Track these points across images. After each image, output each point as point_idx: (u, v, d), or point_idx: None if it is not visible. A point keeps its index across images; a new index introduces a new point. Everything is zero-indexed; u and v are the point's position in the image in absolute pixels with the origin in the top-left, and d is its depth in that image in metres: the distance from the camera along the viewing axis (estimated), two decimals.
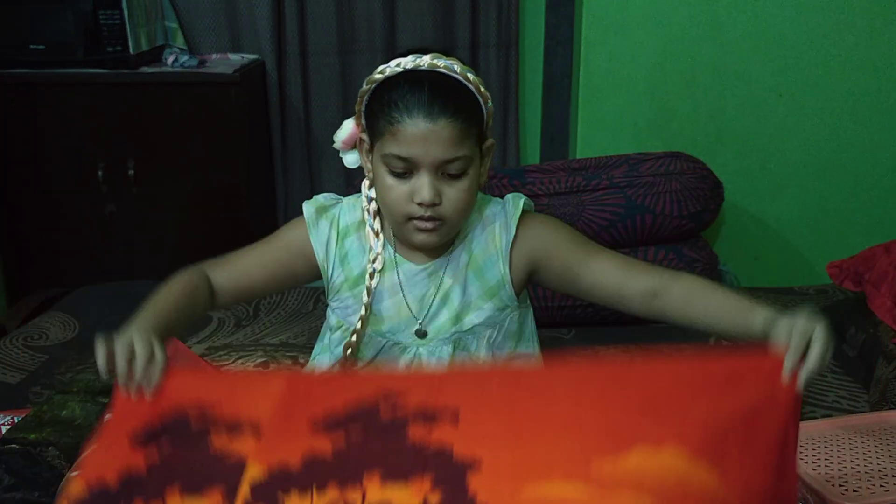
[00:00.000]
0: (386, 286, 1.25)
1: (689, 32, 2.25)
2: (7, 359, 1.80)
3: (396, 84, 1.13)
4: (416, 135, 1.10)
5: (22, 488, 1.24)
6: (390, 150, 1.13)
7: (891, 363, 1.55)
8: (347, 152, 1.27)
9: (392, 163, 1.14)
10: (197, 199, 2.55)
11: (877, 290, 1.70)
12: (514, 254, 1.24)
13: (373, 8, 2.69)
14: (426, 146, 1.11)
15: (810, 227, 2.37)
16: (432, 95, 1.11)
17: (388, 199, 1.16)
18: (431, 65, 1.13)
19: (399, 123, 1.11)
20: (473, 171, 1.17)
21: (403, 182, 1.14)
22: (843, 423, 1.33)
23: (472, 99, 1.15)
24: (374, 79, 1.15)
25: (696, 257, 1.97)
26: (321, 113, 2.78)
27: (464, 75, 1.14)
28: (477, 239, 1.25)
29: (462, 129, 1.12)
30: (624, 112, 2.34)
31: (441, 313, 1.25)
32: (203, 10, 2.68)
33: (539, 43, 2.69)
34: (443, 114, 1.10)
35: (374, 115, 1.15)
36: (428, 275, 1.24)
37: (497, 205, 1.27)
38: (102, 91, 2.46)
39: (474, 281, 1.25)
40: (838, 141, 2.29)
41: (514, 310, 1.28)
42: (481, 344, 1.25)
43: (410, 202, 1.14)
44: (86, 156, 2.50)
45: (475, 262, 1.25)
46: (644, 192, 1.93)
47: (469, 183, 1.16)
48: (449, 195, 1.15)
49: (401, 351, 1.25)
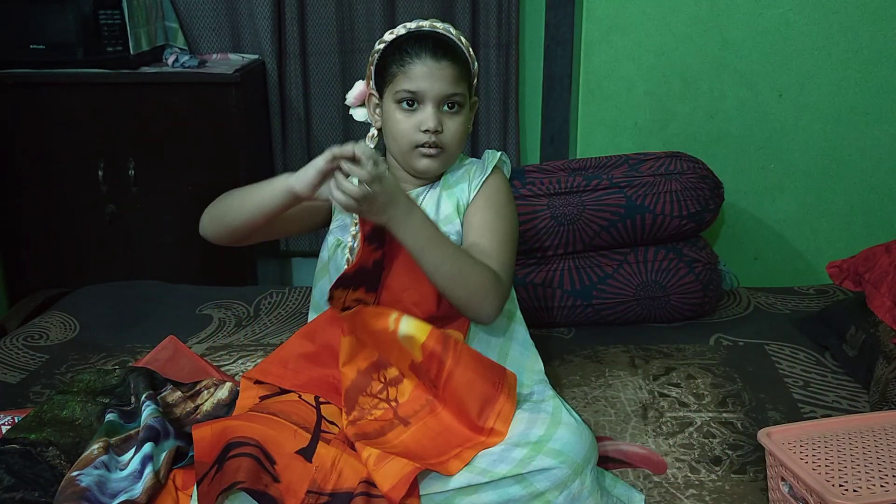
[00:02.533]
0: None
1: (689, 32, 2.25)
2: (7, 359, 1.80)
3: (404, 39, 1.38)
4: (423, 71, 1.35)
5: (22, 488, 1.24)
6: (402, 86, 1.35)
7: (891, 363, 1.55)
8: (357, 108, 1.48)
9: (402, 97, 1.36)
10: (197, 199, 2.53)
11: (877, 290, 1.70)
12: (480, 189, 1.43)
13: (373, 8, 2.69)
14: (431, 81, 1.35)
15: (810, 227, 2.37)
16: (436, 43, 1.37)
17: (397, 131, 1.38)
18: (432, 26, 1.41)
19: (409, 64, 1.35)
20: (465, 111, 1.40)
21: (411, 115, 1.36)
22: (844, 423, 1.33)
23: (465, 54, 1.41)
24: (385, 39, 1.40)
25: (696, 257, 1.97)
26: (321, 113, 2.78)
27: (458, 37, 1.41)
28: (455, 174, 1.46)
29: (460, 72, 1.37)
30: (624, 112, 2.34)
31: None
32: (203, 10, 2.68)
33: (539, 43, 2.69)
34: (445, 56, 1.36)
35: (386, 65, 1.38)
36: (414, 196, 1.42)
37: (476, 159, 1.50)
38: (102, 91, 2.46)
39: (447, 201, 1.44)
40: (838, 141, 2.29)
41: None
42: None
43: (417, 131, 1.36)
44: (86, 156, 2.50)
45: (448, 185, 1.45)
46: (644, 192, 1.93)
47: (464, 119, 1.39)
48: (448, 126, 1.37)
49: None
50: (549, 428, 1.25)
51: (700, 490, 1.36)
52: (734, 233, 2.39)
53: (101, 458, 1.28)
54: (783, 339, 1.85)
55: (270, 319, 2.01)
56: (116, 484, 1.26)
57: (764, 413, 1.57)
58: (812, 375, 1.70)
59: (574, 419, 1.30)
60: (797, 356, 1.78)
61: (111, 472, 1.28)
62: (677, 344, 1.85)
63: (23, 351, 1.84)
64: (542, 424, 1.26)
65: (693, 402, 1.61)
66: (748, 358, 1.78)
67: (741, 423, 1.54)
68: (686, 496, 1.34)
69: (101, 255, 2.58)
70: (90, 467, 1.25)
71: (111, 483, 1.26)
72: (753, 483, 1.37)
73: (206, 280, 2.42)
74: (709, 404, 1.60)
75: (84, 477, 1.23)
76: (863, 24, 2.19)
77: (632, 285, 1.93)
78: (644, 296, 1.93)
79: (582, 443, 1.25)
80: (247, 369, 1.71)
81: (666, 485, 1.37)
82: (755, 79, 2.26)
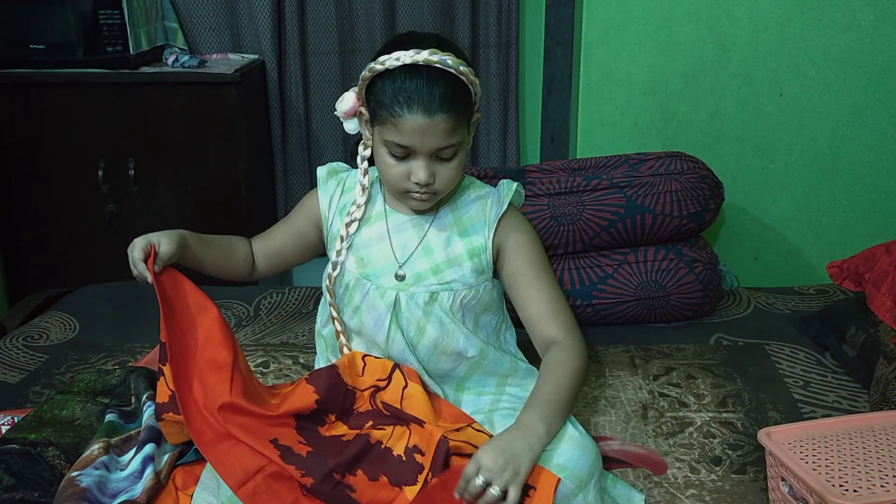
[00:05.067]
0: (375, 234, 1.41)
1: (689, 32, 2.25)
2: (7, 359, 1.80)
3: (397, 77, 1.25)
4: (414, 128, 1.24)
5: (22, 488, 1.24)
6: (391, 137, 1.27)
7: (891, 363, 1.55)
8: (348, 120, 1.41)
9: (392, 148, 1.28)
10: (197, 199, 2.55)
11: (877, 290, 1.70)
12: (498, 228, 1.39)
13: (373, 8, 2.69)
14: (423, 137, 1.25)
15: (810, 227, 2.37)
16: (430, 92, 1.23)
17: (388, 175, 1.32)
18: (427, 60, 1.24)
19: (400, 117, 1.24)
20: (462, 150, 1.32)
21: (402, 163, 1.29)
22: (843, 423, 1.33)
23: (464, 89, 1.28)
24: (376, 69, 1.27)
25: (696, 257, 1.97)
26: (321, 113, 2.78)
27: (457, 69, 1.26)
28: (467, 206, 1.41)
29: (456, 121, 1.26)
30: (624, 112, 2.34)
31: (421, 261, 1.39)
32: (203, 10, 2.68)
33: (539, 43, 2.69)
34: (439, 110, 1.24)
35: (377, 102, 1.28)
36: (413, 224, 1.40)
37: (491, 189, 1.44)
38: (102, 91, 2.46)
39: (458, 240, 1.39)
40: (838, 141, 2.29)
41: (489, 279, 1.41)
42: (456, 300, 1.38)
43: (407, 180, 1.30)
44: (86, 156, 2.50)
45: (462, 224, 1.40)
46: (644, 192, 1.93)
47: (458, 162, 1.32)
48: (441, 173, 1.31)
49: (381, 294, 1.38)
50: (553, 441, 1.25)
51: (700, 490, 1.36)
52: (734, 233, 2.39)
53: (101, 458, 1.28)
54: (783, 339, 1.85)
55: (270, 319, 2.01)
56: (116, 484, 1.26)
57: (764, 413, 1.57)
58: (812, 375, 1.70)
59: (578, 432, 1.29)
60: (797, 356, 1.78)
61: (111, 472, 1.28)
62: (677, 344, 1.85)
63: (23, 351, 1.84)
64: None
65: (693, 402, 1.61)
66: (748, 358, 1.78)
67: (741, 423, 1.54)
68: (686, 496, 1.34)
69: (101, 255, 2.57)
70: (90, 467, 1.25)
71: (111, 483, 1.26)
72: (753, 483, 1.37)
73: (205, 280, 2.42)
74: (709, 404, 1.60)
75: (84, 477, 1.23)
76: (863, 23, 2.19)
77: (632, 285, 1.93)
78: (644, 296, 1.93)
79: (586, 457, 1.24)
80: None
81: (666, 485, 1.37)
82: (755, 79, 2.26)
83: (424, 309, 1.37)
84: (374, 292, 1.39)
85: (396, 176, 1.31)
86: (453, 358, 1.40)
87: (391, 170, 1.31)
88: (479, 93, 1.32)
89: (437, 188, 1.31)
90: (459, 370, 1.42)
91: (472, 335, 1.39)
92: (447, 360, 1.41)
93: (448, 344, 1.39)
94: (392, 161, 1.30)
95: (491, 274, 1.41)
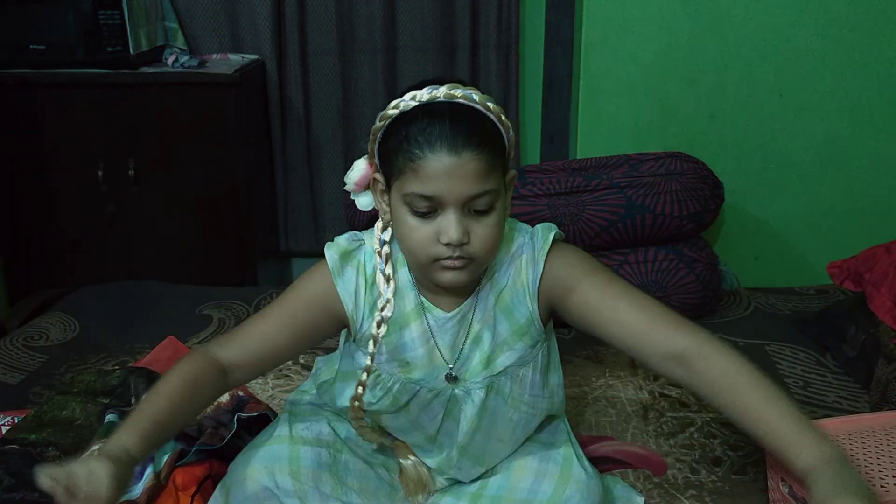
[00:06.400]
0: (416, 334, 1.18)
1: (690, 32, 2.25)
2: (7, 359, 1.80)
3: (414, 118, 1.04)
4: (439, 170, 1.02)
5: (22, 488, 1.24)
6: (412, 188, 1.04)
7: (891, 363, 1.55)
8: (360, 194, 1.19)
9: (415, 202, 1.05)
10: (197, 199, 2.55)
11: (877, 290, 1.70)
12: (540, 290, 1.17)
13: (373, 8, 2.69)
14: (451, 182, 1.02)
15: (810, 227, 2.37)
16: (454, 127, 1.02)
17: (411, 241, 1.08)
18: (449, 95, 1.05)
19: (420, 159, 1.02)
20: (500, 204, 1.08)
21: (428, 222, 1.06)
22: (844, 423, 1.33)
23: (494, 129, 1.07)
24: (388, 114, 1.07)
25: (696, 257, 1.97)
26: (321, 113, 2.78)
27: (483, 104, 1.06)
28: (503, 273, 1.18)
29: (488, 162, 1.04)
30: (624, 112, 2.33)
31: (473, 357, 1.19)
32: (203, 11, 2.68)
33: (539, 43, 2.68)
34: (467, 146, 1.02)
35: (391, 152, 1.06)
36: (458, 321, 1.18)
37: (525, 234, 1.20)
38: (102, 91, 2.46)
39: (503, 321, 1.18)
40: (838, 141, 2.28)
41: (543, 343, 1.23)
42: (514, 384, 1.20)
43: (436, 243, 1.06)
44: (86, 156, 2.50)
45: (503, 301, 1.18)
46: (644, 192, 1.93)
47: (497, 218, 1.08)
48: (477, 232, 1.07)
49: (434, 396, 1.20)
50: (558, 485, 1.19)
51: (700, 491, 1.36)
52: (734, 233, 2.39)
53: None
54: (783, 339, 1.85)
55: None
56: None
57: None
58: (812, 376, 1.70)
59: (585, 470, 1.23)
60: (797, 356, 1.78)
61: None
62: None
63: (23, 351, 1.84)
64: (552, 480, 1.20)
65: (693, 402, 1.61)
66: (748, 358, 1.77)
67: None
68: (686, 497, 1.34)
69: (101, 255, 2.58)
70: None
71: None
72: (753, 483, 1.37)
73: (205, 280, 2.42)
74: (709, 405, 1.60)
75: None
76: (863, 23, 2.19)
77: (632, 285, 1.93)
78: None
79: (592, 500, 1.20)
80: None
81: (666, 485, 1.37)
82: (755, 79, 2.26)
83: (480, 406, 1.20)
84: (426, 395, 1.20)
85: (422, 240, 1.06)
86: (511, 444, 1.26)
87: (414, 233, 1.07)
88: (512, 139, 1.10)
89: (473, 251, 1.07)
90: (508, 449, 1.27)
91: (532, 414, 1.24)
92: (503, 447, 1.26)
93: (506, 433, 1.24)
94: (415, 222, 1.06)
95: (544, 337, 1.22)
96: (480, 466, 1.27)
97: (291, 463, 1.19)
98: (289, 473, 1.18)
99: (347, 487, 1.21)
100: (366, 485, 1.23)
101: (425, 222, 1.06)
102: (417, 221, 1.06)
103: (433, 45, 2.71)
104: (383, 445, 1.28)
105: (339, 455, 1.24)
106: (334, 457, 1.23)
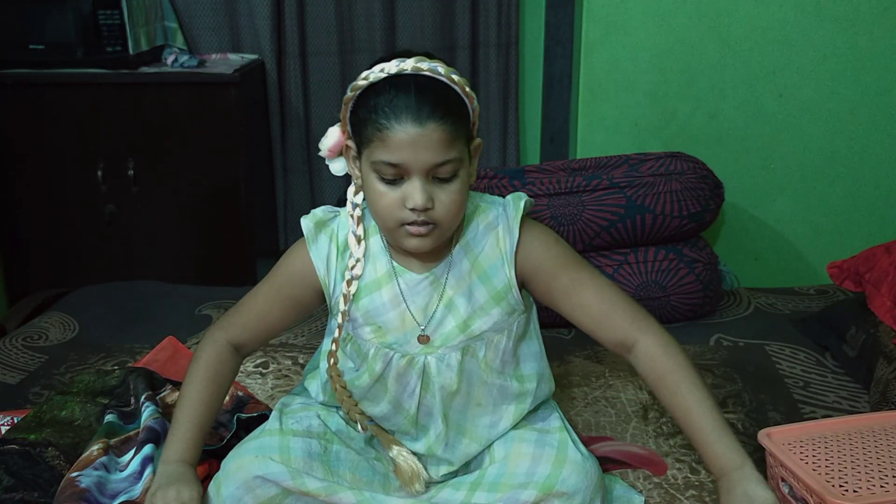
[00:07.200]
0: (387, 298, 1.23)
1: (690, 32, 2.25)
2: (7, 359, 1.80)
3: (382, 90, 1.10)
4: (405, 140, 1.09)
5: (21, 488, 1.24)
6: (379, 156, 1.11)
7: (891, 363, 1.54)
8: (334, 160, 1.24)
9: (382, 169, 1.12)
10: (197, 199, 2.55)
11: (877, 290, 1.70)
12: (517, 257, 1.24)
13: (373, 8, 2.69)
14: (416, 151, 1.09)
15: (810, 227, 2.37)
16: (419, 99, 1.09)
17: (379, 206, 1.15)
18: (415, 68, 1.11)
19: (387, 129, 1.09)
20: (464, 172, 1.15)
21: (394, 188, 1.13)
22: (843, 423, 1.33)
23: (458, 100, 1.13)
24: (358, 85, 1.13)
25: (696, 257, 1.96)
26: (321, 113, 2.78)
27: (448, 77, 1.12)
28: (479, 243, 1.24)
29: (451, 132, 1.11)
30: (624, 112, 2.34)
31: (446, 321, 1.23)
32: (203, 10, 2.68)
33: (539, 43, 2.69)
34: (431, 117, 1.09)
35: (361, 121, 1.13)
36: (430, 283, 1.23)
37: (497, 206, 1.26)
38: (102, 91, 2.46)
39: (480, 286, 1.23)
40: (838, 141, 2.28)
41: (521, 313, 1.28)
42: (489, 348, 1.25)
43: (402, 208, 1.13)
44: (85, 156, 2.50)
45: (480, 268, 1.24)
46: (644, 192, 1.93)
47: (460, 185, 1.15)
48: (441, 198, 1.13)
49: (408, 362, 1.23)
50: (554, 466, 1.21)
51: (700, 491, 1.35)
52: (734, 233, 2.39)
53: (100, 459, 1.28)
54: (783, 339, 1.85)
55: None
56: (116, 485, 1.26)
57: (764, 413, 1.57)
58: (812, 376, 1.70)
59: (580, 453, 1.25)
60: (797, 356, 1.78)
61: (111, 473, 1.28)
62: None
63: (22, 351, 1.84)
64: (548, 462, 1.22)
65: None
66: (748, 358, 1.77)
67: (741, 424, 1.54)
68: (686, 497, 1.34)
69: (101, 255, 2.58)
70: (90, 468, 1.25)
71: (111, 484, 1.26)
72: None
73: (205, 280, 2.42)
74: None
75: (84, 478, 1.23)
76: (862, 23, 2.19)
77: (632, 285, 1.93)
78: (644, 296, 1.93)
79: (588, 480, 1.21)
80: (246, 370, 1.71)
81: (666, 486, 1.37)
82: (755, 79, 2.26)
83: (458, 369, 1.24)
84: (400, 361, 1.24)
85: (389, 205, 1.13)
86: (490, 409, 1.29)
87: (382, 199, 1.13)
88: (476, 109, 1.17)
89: (437, 216, 1.14)
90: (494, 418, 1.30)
91: (511, 379, 1.28)
92: (482, 411, 1.29)
93: (483, 396, 1.27)
94: (383, 187, 1.13)
95: (522, 308, 1.28)
96: (465, 438, 1.29)
97: (282, 452, 1.21)
98: (280, 461, 1.20)
99: (339, 477, 1.23)
100: (358, 475, 1.25)
101: (392, 188, 1.13)
102: (385, 187, 1.13)
103: (433, 45, 2.71)
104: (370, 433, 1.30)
105: (330, 446, 1.25)
106: (325, 447, 1.25)
